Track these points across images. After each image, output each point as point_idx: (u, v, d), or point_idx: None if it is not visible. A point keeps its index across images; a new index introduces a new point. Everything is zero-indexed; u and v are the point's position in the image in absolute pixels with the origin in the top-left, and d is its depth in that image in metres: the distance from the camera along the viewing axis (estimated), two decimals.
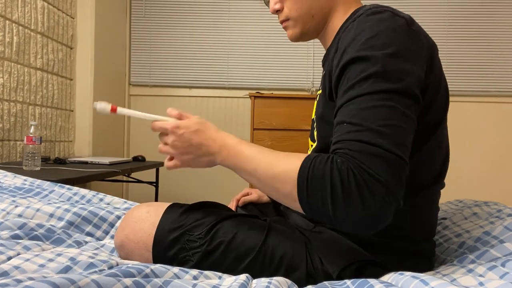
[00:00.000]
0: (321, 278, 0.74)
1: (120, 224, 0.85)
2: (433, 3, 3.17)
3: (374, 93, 0.67)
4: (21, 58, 2.22)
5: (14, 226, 0.87)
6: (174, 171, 3.27)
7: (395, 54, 0.69)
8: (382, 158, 0.63)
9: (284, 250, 0.76)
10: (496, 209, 1.10)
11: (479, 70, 3.15)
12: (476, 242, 0.85)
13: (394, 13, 0.74)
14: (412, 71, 0.70)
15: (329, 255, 0.76)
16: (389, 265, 0.75)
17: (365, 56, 0.70)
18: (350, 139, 0.66)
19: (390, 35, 0.71)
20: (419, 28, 0.76)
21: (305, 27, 0.90)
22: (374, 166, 0.62)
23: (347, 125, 0.67)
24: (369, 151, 0.63)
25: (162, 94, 3.33)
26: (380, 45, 0.70)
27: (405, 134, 0.67)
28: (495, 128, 3.15)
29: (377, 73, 0.68)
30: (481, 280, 0.62)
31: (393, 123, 0.65)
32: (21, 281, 0.49)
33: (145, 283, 0.55)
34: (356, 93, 0.69)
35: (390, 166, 0.63)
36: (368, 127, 0.65)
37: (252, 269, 0.75)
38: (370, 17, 0.74)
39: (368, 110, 0.66)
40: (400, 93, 0.68)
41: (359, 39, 0.72)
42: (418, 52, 0.73)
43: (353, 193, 0.62)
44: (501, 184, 3.13)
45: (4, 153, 2.11)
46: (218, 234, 0.77)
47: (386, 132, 0.64)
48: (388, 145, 0.64)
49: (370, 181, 0.62)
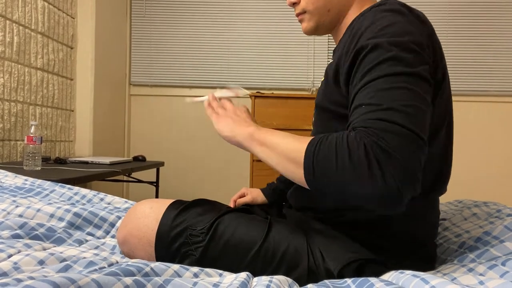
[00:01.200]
0: (322, 275, 0.74)
1: (123, 220, 0.85)
2: (433, 3, 3.17)
3: (392, 75, 0.67)
4: (22, 58, 2.22)
5: (15, 226, 0.88)
6: (174, 171, 3.27)
7: (412, 42, 0.70)
8: (399, 135, 0.61)
9: (286, 245, 0.77)
10: (496, 209, 1.10)
11: (479, 70, 3.15)
12: (476, 242, 0.86)
13: (409, 9, 0.76)
14: (426, 62, 0.71)
15: (331, 252, 0.76)
16: (390, 265, 0.75)
17: (380, 43, 0.70)
18: (367, 118, 0.65)
19: (406, 26, 0.72)
20: (430, 25, 0.77)
21: (320, 20, 0.91)
22: (389, 142, 0.61)
23: (365, 107, 0.66)
24: (386, 128, 0.62)
25: (162, 94, 3.33)
26: (397, 33, 0.71)
27: (425, 116, 0.66)
28: (495, 128, 3.15)
29: (394, 57, 0.68)
30: (482, 279, 0.62)
31: (413, 104, 0.64)
32: (21, 281, 0.49)
33: (146, 282, 0.55)
34: (372, 77, 0.68)
35: (408, 144, 0.61)
36: (387, 106, 0.64)
37: (255, 264, 0.75)
38: (385, 8, 0.76)
39: (387, 91, 0.65)
40: (418, 77, 0.68)
41: (375, 26, 0.73)
42: (430, 49, 0.73)
43: (361, 164, 0.60)
44: (501, 184, 3.13)
45: (5, 153, 2.11)
46: (220, 228, 0.78)
47: (406, 111, 0.63)
48: (407, 123, 0.62)
49: (381, 155, 0.60)
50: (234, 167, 3.26)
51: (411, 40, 0.70)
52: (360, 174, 0.60)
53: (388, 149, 0.60)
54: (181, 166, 3.30)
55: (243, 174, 3.18)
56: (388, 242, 0.78)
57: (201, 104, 3.70)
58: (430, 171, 0.79)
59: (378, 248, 0.78)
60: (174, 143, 3.32)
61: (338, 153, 0.63)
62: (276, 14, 3.24)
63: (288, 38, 3.24)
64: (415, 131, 0.62)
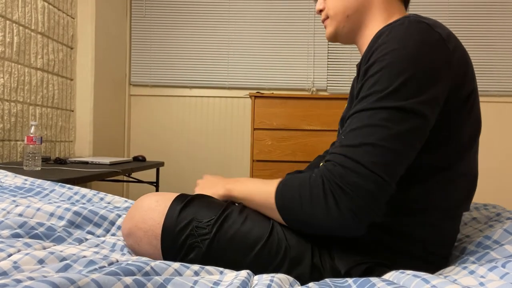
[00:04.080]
0: (328, 272, 0.75)
1: (128, 213, 0.85)
2: (433, 3, 3.17)
3: (376, 109, 0.69)
4: (22, 58, 2.22)
5: (15, 225, 0.87)
6: (174, 171, 3.27)
7: (414, 73, 0.70)
8: (359, 175, 0.67)
9: (290, 240, 0.77)
10: (495, 212, 1.10)
11: (479, 70, 3.15)
12: (477, 247, 0.86)
13: (431, 26, 0.74)
14: (428, 91, 0.70)
15: (341, 252, 0.76)
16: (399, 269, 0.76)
17: (381, 69, 0.71)
18: (338, 152, 0.71)
19: (415, 51, 0.71)
20: (456, 46, 0.75)
21: (339, 26, 0.93)
22: (347, 180, 0.67)
23: (341, 140, 0.72)
24: (348, 165, 0.68)
25: (163, 94, 3.33)
26: (403, 59, 0.70)
27: (396, 155, 0.68)
28: (495, 128, 3.15)
29: (387, 89, 0.69)
30: (482, 281, 0.62)
31: (384, 144, 0.68)
32: (20, 281, 0.49)
33: (146, 282, 0.55)
34: (361, 107, 0.71)
35: (366, 183, 0.66)
36: (358, 143, 0.69)
37: (260, 258, 0.76)
38: (404, 26, 0.74)
39: (363, 129, 0.69)
40: (405, 113, 0.68)
41: (384, 47, 0.73)
42: (443, 71, 0.72)
43: (319, 198, 0.69)
44: (501, 184, 3.13)
45: (5, 153, 2.11)
46: (227, 221, 0.78)
47: (373, 152, 0.67)
48: (371, 164, 0.67)
49: (338, 191, 0.68)
50: (234, 167, 3.26)
51: (414, 69, 0.70)
52: (319, 208, 0.69)
53: (344, 187, 0.67)
54: (181, 166, 3.30)
55: (243, 174, 3.18)
56: (400, 247, 0.78)
57: (201, 104, 3.69)
58: (456, 189, 0.79)
59: (388, 251, 0.78)
60: (174, 143, 3.32)
61: (301, 192, 0.72)
62: (276, 14, 3.24)
63: (288, 38, 3.24)
64: (376, 172, 0.67)
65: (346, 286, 0.64)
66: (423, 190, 0.77)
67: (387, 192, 0.68)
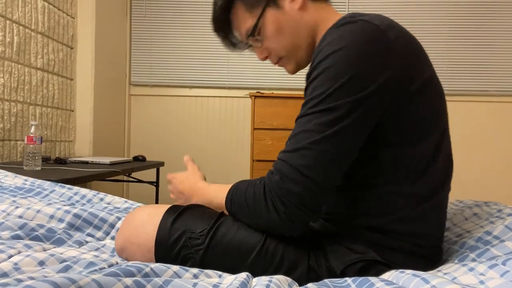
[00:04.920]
0: (324, 274, 0.75)
1: (120, 228, 0.85)
2: (433, 3, 3.17)
3: (312, 114, 0.72)
4: (22, 58, 2.22)
5: (15, 226, 0.87)
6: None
7: (351, 73, 0.71)
8: (291, 179, 0.71)
9: (286, 245, 0.77)
10: (497, 209, 1.10)
11: (479, 70, 3.15)
12: (477, 242, 0.85)
13: (367, 21, 0.74)
14: (366, 89, 0.71)
15: (335, 251, 0.76)
16: (394, 265, 0.76)
17: (318, 74, 0.73)
18: (278, 158, 0.75)
19: (352, 51, 0.72)
20: (398, 36, 0.75)
21: (298, 58, 0.93)
22: (284, 184, 0.72)
23: (286, 144, 0.76)
24: (284, 172, 0.72)
25: (163, 94, 3.33)
26: (336, 65, 0.71)
27: (329, 157, 0.71)
28: (495, 128, 3.15)
29: (323, 94, 0.71)
30: (482, 279, 0.62)
31: (315, 147, 0.71)
32: (21, 281, 0.49)
33: (146, 283, 0.55)
34: (301, 113, 0.75)
35: (299, 187, 0.71)
36: (294, 148, 0.72)
37: (256, 264, 0.75)
38: (340, 28, 0.75)
39: (301, 134, 0.73)
40: (339, 114, 0.71)
41: (322, 52, 0.74)
42: (384, 64, 0.72)
43: (261, 202, 0.75)
44: (501, 184, 3.13)
45: (5, 153, 2.11)
46: (220, 230, 0.78)
47: (306, 155, 0.71)
48: (305, 169, 0.71)
49: (274, 198, 0.73)
50: (234, 167, 3.26)
51: (352, 70, 0.71)
52: (262, 213, 0.75)
53: (280, 193, 0.72)
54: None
55: (243, 174, 3.18)
56: (392, 243, 0.78)
57: (201, 104, 3.70)
58: (432, 175, 0.79)
59: (381, 248, 0.78)
60: (174, 143, 3.32)
61: (247, 198, 0.77)
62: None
63: None
64: (309, 175, 0.71)
65: (345, 286, 0.64)
66: (399, 182, 0.78)
67: (320, 193, 0.72)
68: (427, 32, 3.15)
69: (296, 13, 0.88)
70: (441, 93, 0.83)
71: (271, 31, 0.90)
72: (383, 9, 3.16)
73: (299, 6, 0.88)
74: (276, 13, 0.89)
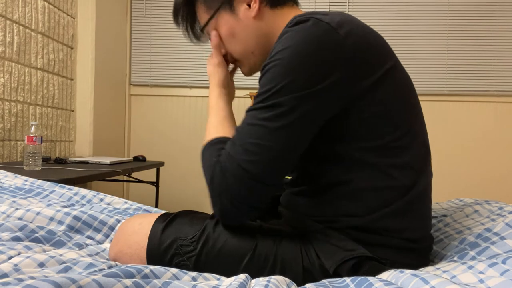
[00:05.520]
0: (318, 273, 0.74)
1: (113, 238, 0.84)
2: (433, 3, 3.17)
3: (259, 110, 0.73)
4: (22, 58, 2.22)
5: (15, 227, 0.88)
6: (174, 171, 3.27)
7: (298, 73, 0.71)
8: (233, 175, 0.73)
9: (277, 248, 0.76)
10: (498, 207, 1.10)
11: (479, 70, 3.15)
12: (477, 238, 0.85)
13: (318, 20, 0.74)
14: (313, 85, 0.71)
15: (326, 250, 0.76)
16: (385, 261, 0.76)
17: (267, 71, 0.74)
18: (226, 148, 0.76)
19: (299, 49, 0.72)
20: (349, 32, 0.74)
21: (251, 63, 0.94)
22: (227, 177, 0.73)
23: (234, 134, 0.77)
24: (229, 165, 0.73)
25: (163, 94, 3.33)
26: (284, 62, 0.72)
27: (273, 152, 0.72)
28: (495, 128, 3.15)
29: (271, 90, 0.72)
30: (482, 277, 0.62)
31: (260, 142, 0.72)
32: (22, 280, 0.49)
33: (145, 284, 0.55)
34: (250, 107, 0.76)
35: (238, 180, 0.72)
36: (240, 143, 0.73)
37: (250, 269, 0.75)
38: (291, 28, 0.75)
39: (246, 127, 0.74)
40: (284, 110, 0.71)
41: (274, 50, 0.75)
42: (331, 61, 0.72)
43: (209, 186, 0.76)
44: (501, 184, 3.13)
45: (5, 153, 2.11)
46: (211, 236, 0.77)
47: (246, 150, 0.72)
48: (246, 163, 0.72)
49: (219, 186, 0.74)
50: None
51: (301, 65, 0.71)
52: (211, 193, 0.77)
53: (223, 182, 0.73)
54: (181, 166, 3.30)
55: None
56: (382, 236, 0.78)
57: (202, 104, 3.69)
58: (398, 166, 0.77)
59: (370, 246, 0.77)
60: (174, 143, 3.32)
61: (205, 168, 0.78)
62: None
63: None
64: (252, 172, 0.71)
65: (344, 286, 0.64)
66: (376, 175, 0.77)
67: (262, 190, 0.73)
68: (427, 32, 3.15)
69: (251, 22, 0.88)
70: (405, 81, 0.81)
71: (224, 34, 0.92)
72: (383, 9, 3.16)
73: (255, 14, 0.88)
74: (230, 18, 0.89)
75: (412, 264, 0.78)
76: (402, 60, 3.87)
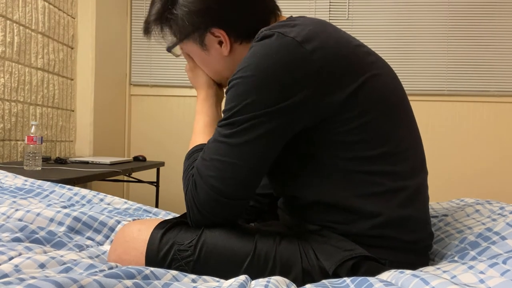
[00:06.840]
0: (318, 274, 0.74)
1: (112, 244, 0.84)
2: (433, 3, 3.17)
3: (223, 127, 0.75)
4: (22, 58, 2.22)
5: (15, 228, 0.88)
6: (174, 171, 3.27)
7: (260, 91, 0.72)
8: (202, 189, 0.76)
9: (277, 251, 0.76)
10: (499, 206, 1.10)
11: (479, 70, 3.15)
12: (477, 238, 0.85)
13: (282, 34, 0.73)
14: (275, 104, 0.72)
15: (325, 251, 0.76)
16: (384, 260, 0.76)
17: (231, 88, 0.75)
18: (196, 163, 0.79)
19: (260, 68, 0.72)
20: (317, 47, 0.72)
21: (223, 81, 0.95)
22: (196, 189, 0.77)
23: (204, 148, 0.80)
24: (198, 179, 0.77)
25: (163, 94, 3.33)
26: (246, 80, 0.73)
27: (237, 168, 0.74)
28: (495, 128, 3.15)
29: (233, 109, 0.74)
30: (482, 277, 0.62)
31: (223, 159, 0.74)
32: (24, 280, 0.49)
33: (145, 285, 0.55)
34: (218, 121, 0.78)
35: (205, 195, 0.76)
36: (206, 157, 0.77)
37: (250, 271, 0.74)
38: (256, 43, 0.75)
39: (212, 143, 0.77)
40: (246, 126, 0.72)
41: (237, 69, 0.76)
42: (295, 77, 0.71)
43: (185, 196, 0.80)
44: (501, 184, 3.13)
45: (5, 153, 2.11)
46: (209, 240, 0.77)
47: (212, 166, 0.75)
48: (212, 179, 0.75)
49: (190, 194, 0.78)
50: None
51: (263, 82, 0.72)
52: (186, 204, 0.80)
53: (195, 196, 0.77)
54: (181, 166, 3.29)
55: None
56: (377, 242, 0.78)
57: None
58: (390, 172, 0.77)
59: (369, 246, 0.77)
60: (174, 143, 3.32)
61: (184, 177, 0.82)
62: None
63: None
64: (217, 187, 0.74)
65: (344, 286, 0.64)
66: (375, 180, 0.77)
67: (228, 205, 0.76)
68: (427, 32, 3.15)
69: (223, 58, 0.89)
70: (390, 87, 0.80)
71: (196, 59, 0.94)
72: (383, 9, 3.16)
73: (227, 53, 0.88)
74: (200, 51, 0.90)
75: (411, 263, 0.78)
76: (402, 60, 3.87)
